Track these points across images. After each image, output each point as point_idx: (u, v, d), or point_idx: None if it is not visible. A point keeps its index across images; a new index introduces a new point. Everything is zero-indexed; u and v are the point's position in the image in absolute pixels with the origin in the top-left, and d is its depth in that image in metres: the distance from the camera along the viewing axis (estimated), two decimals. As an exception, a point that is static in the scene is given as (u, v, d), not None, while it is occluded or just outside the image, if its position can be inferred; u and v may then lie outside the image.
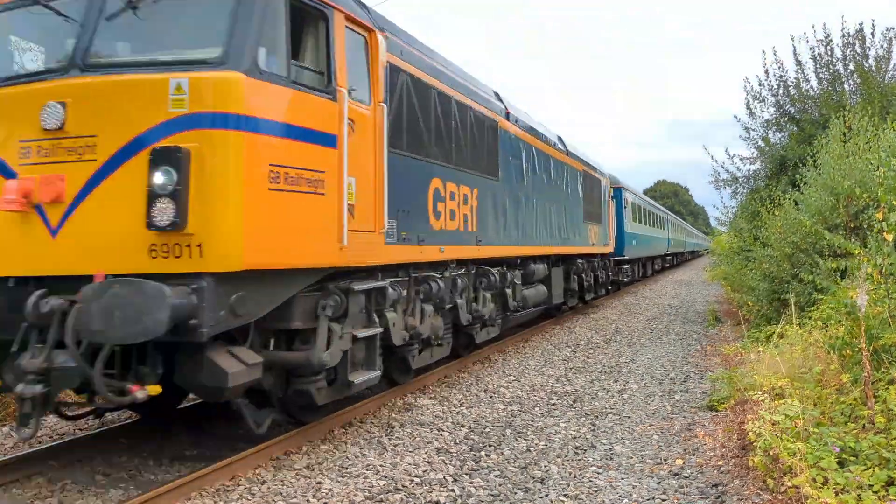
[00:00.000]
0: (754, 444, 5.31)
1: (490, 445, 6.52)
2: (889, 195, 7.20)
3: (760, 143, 16.73)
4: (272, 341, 5.98)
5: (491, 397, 8.51)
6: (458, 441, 6.65)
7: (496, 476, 5.69)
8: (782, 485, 4.56)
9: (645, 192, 55.16)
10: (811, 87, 15.86)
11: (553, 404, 8.21)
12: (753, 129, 16.95)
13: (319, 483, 5.44)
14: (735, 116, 17.18)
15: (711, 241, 67.82)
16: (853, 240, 8.77)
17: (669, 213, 48.73)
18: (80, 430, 7.11)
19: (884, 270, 6.90)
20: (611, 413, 7.80)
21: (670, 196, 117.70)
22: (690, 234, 67.53)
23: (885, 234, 6.86)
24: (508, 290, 10.99)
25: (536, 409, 7.99)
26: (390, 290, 7.07)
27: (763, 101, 16.60)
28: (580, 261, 16.76)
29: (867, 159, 9.06)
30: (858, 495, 4.03)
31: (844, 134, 11.31)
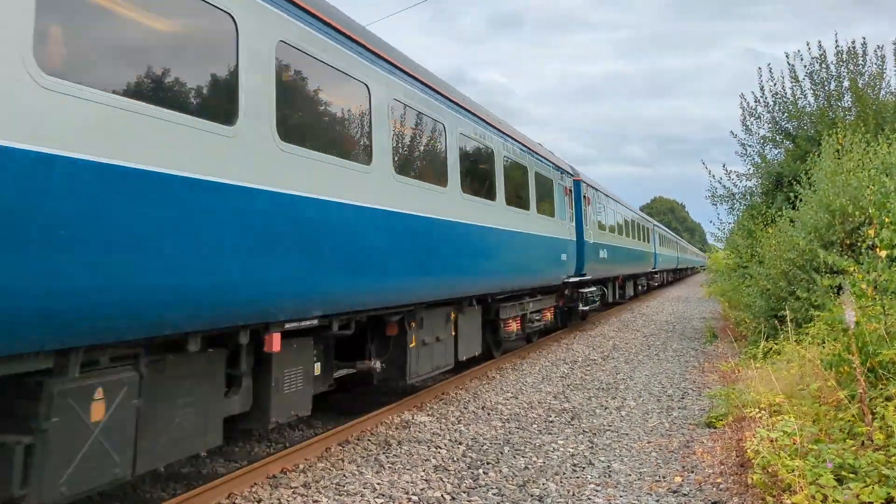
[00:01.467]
0: (753, 461, 5.30)
1: (488, 463, 6.50)
2: (880, 212, 7.26)
3: (757, 159, 16.81)
4: None
5: (489, 414, 8.48)
6: (455, 459, 6.62)
7: (494, 494, 5.66)
8: (781, 502, 4.55)
9: (641, 209, 50.51)
10: (808, 102, 15.97)
11: (551, 421, 8.19)
12: (750, 146, 17.04)
13: (316, 502, 5.40)
14: (732, 132, 17.29)
15: (705, 259, 65.13)
16: (849, 256, 8.83)
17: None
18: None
19: (878, 286, 6.94)
20: (609, 430, 7.78)
21: (666, 213, 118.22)
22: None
23: (877, 250, 6.90)
24: None
25: (534, 426, 7.96)
26: None
27: (759, 117, 16.71)
28: None
29: (859, 177, 9.12)
30: (858, 513, 4.02)
31: (837, 151, 11.39)
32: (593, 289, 18.09)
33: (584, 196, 17.12)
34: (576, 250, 15.62)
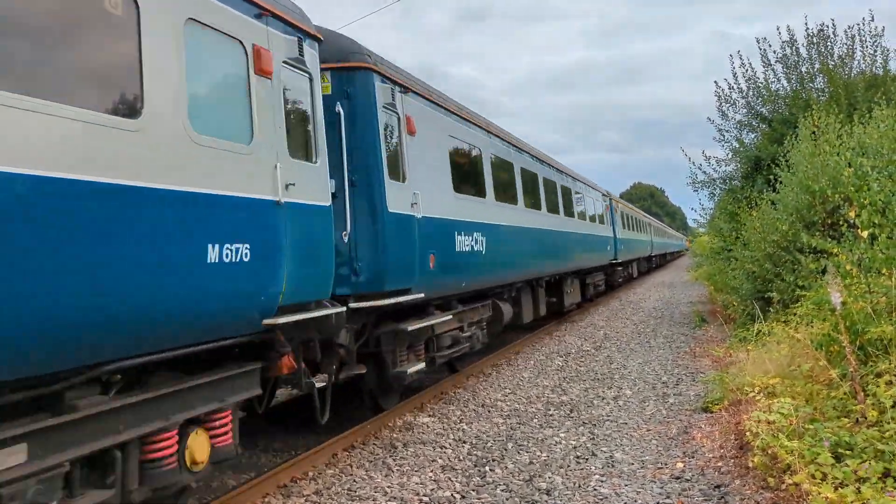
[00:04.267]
0: (752, 443, 5.46)
1: (493, 460, 6.62)
2: (859, 193, 7.46)
3: (735, 143, 17.07)
4: None
5: (489, 411, 8.61)
6: (461, 458, 6.74)
7: (502, 490, 5.78)
8: (783, 483, 4.71)
9: (621, 196, 53.92)
10: (782, 86, 16.24)
11: (550, 415, 8.33)
12: (727, 131, 17.30)
13: (330, 508, 5.50)
14: (709, 119, 17.52)
15: (685, 241, 69.45)
16: (831, 237, 9.03)
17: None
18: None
19: (862, 265, 7.13)
20: (608, 420, 7.93)
21: (647, 198, 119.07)
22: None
23: (858, 230, 7.10)
24: None
25: (535, 420, 8.10)
26: None
27: (734, 104, 16.96)
28: None
29: (836, 161, 9.32)
30: (858, 488, 4.18)
31: (813, 133, 11.61)
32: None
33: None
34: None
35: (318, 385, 6.28)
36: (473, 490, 5.82)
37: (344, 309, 6.17)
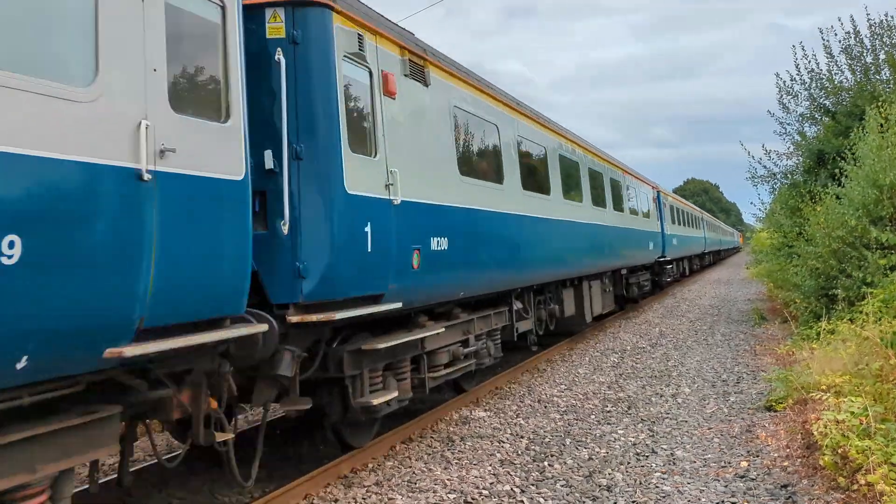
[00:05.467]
0: (820, 443, 5.33)
1: (552, 455, 6.61)
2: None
3: (796, 137, 16.60)
4: None
5: (545, 407, 8.59)
6: (519, 452, 6.74)
7: (562, 486, 5.77)
8: (854, 483, 4.59)
9: (675, 191, 51.64)
10: (845, 77, 15.74)
11: (608, 411, 8.26)
12: (788, 124, 16.84)
13: (391, 499, 5.57)
14: (769, 112, 17.08)
15: (737, 236, 68.85)
16: (901, 232, 8.74)
17: None
18: (150, 456, 7.30)
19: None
20: (667, 418, 7.83)
21: (700, 194, 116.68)
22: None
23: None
24: None
25: (592, 416, 8.05)
26: None
27: (796, 96, 16.50)
28: None
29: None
30: (936, 490, 4.05)
31: (881, 125, 11.22)
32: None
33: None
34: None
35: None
36: (533, 485, 5.83)
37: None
